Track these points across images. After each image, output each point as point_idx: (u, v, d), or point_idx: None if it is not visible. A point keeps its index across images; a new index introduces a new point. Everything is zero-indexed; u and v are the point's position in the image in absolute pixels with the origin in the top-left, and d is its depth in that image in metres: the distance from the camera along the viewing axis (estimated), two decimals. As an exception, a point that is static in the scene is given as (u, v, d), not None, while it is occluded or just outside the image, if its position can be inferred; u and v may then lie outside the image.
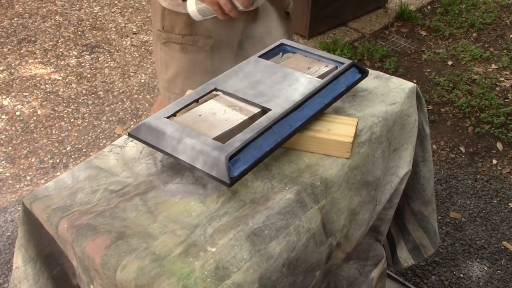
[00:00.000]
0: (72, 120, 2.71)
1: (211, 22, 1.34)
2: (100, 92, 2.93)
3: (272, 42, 1.19)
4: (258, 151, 0.87)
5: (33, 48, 3.28)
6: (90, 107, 2.80)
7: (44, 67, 3.12)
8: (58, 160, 2.45)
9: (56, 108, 2.79)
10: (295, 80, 1.02)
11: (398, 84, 1.19)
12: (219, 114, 0.95)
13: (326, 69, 1.10)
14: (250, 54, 1.15)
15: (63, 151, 2.50)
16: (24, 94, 2.88)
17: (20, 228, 0.93)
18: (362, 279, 1.19)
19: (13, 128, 2.64)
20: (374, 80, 1.21)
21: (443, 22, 3.74)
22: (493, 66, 3.23)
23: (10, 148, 2.51)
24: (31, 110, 2.76)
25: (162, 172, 0.94)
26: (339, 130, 0.97)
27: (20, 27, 3.50)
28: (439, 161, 2.48)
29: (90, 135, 2.61)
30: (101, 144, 2.55)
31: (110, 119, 2.73)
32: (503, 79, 3.10)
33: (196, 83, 1.10)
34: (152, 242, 0.80)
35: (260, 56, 1.12)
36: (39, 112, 2.76)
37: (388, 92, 1.16)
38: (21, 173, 2.37)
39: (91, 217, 0.84)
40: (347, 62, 1.08)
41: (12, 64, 3.12)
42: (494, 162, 2.47)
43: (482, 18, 3.78)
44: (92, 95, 2.90)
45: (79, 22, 3.60)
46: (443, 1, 3.97)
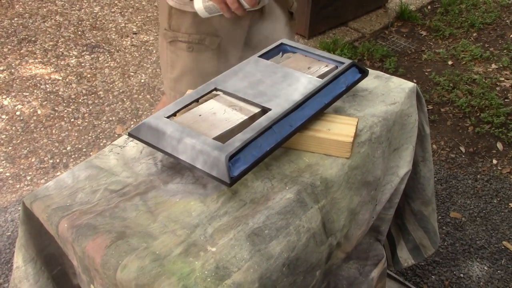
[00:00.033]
0: (72, 120, 2.71)
1: (218, 21, 1.35)
2: (100, 92, 2.93)
3: (286, 38, 1.19)
4: (258, 151, 0.87)
5: (33, 48, 3.28)
6: (90, 107, 2.80)
7: (44, 67, 3.12)
8: (58, 160, 2.45)
9: (56, 108, 2.79)
10: (295, 80, 1.02)
11: (398, 84, 1.19)
12: (219, 114, 0.95)
13: (326, 69, 1.10)
14: (256, 53, 1.15)
15: (63, 151, 2.51)
16: (24, 94, 2.88)
17: (21, 227, 0.93)
18: (362, 279, 1.19)
19: (13, 128, 2.64)
20: (374, 80, 1.21)
21: (443, 22, 3.74)
22: (493, 66, 3.23)
23: (10, 148, 2.51)
24: (31, 110, 2.76)
25: (162, 172, 0.94)
26: (339, 130, 0.97)
27: (20, 27, 3.50)
28: (439, 161, 2.48)
29: (90, 135, 2.61)
30: (101, 144, 2.55)
31: (110, 119, 2.73)
32: (503, 79, 3.10)
33: (202, 82, 1.10)
34: (152, 242, 0.80)
35: (260, 56, 1.12)
36: (39, 112, 2.76)
37: (388, 92, 1.16)
38: (21, 173, 2.37)
39: (91, 217, 0.84)
40: (347, 62, 1.08)
41: (12, 64, 3.12)
42: (494, 162, 2.47)
43: (482, 18, 3.78)
44: (92, 95, 2.90)
45: (79, 22, 3.60)
46: (443, 1, 3.97)
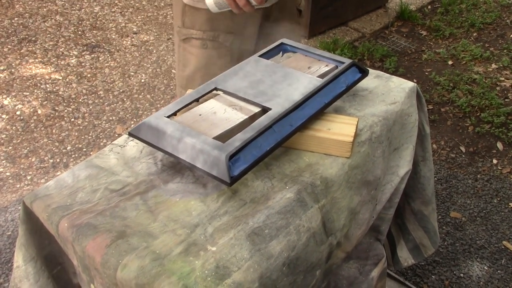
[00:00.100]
0: (72, 119, 2.71)
1: (231, 18, 1.36)
2: (101, 92, 2.93)
3: (292, 36, 1.21)
4: (258, 151, 0.87)
5: (33, 48, 3.28)
6: (91, 107, 2.81)
7: (44, 66, 3.12)
8: (58, 160, 2.45)
9: (56, 108, 2.79)
10: (295, 79, 1.02)
11: (398, 84, 1.19)
12: (220, 113, 0.95)
13: (326, 68, 1.10)
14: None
15: (64, 150, 2.51)
16: (24, 93, 2.88)
17: (21, 227, 0.93)
18: (362, 279, 1.19)
19: (13, 127, 2.64)
20: (375, 79, 1.21)
21: (444, 22, 3.74)
22: (493, 66, 3.23)
23: (10, 147, 2.51)
24: (32, 110, 2.76)
25: (163, 171, 0.94)
26: (339, 129, 0.97)
27: (21, 26, 3.50)
28: (439, 160, 2.48)
29: (90, 134, 2.61)
30: (101, 143, 2.55)
31: (111, 118, 2.73)
32: (503, 78, 3.10)
33: None
34: (153, 241, 0.80)
35: (261, 56, 1.12)
36: (39, 111, 2.76)
37: (388, 92, 1.16)
38: (21, 172, 2.37)
39: (92, 216, 0.84)
40: (348, 61, 1.08)
41: (13, 64, 3.12)
42: (495, 161, 2.47)
43: (483, 18, 3.77)
44: (93, 95, 2.90)
45: (80, 22, 3.60)
46: (443, 1, 3.97)
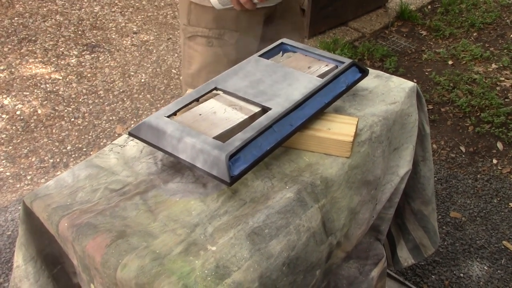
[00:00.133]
0: (72, 119, 2.71)
1: (236, 16, 1.38)
2: (101, 92, 2.93)
3: (295, 35, 1.24)
4: (259, 150, 0.87)
5: (33, 48, 3.28)
6: (91, 107, 2.81)
7: (44, 66, 3.12)
8: (58, 160, 2.45)
9: (56, 108, 2.79)
10: (295, 79, 1.02)
11: (398, 84, 1.19)
12: (220, 113, 0.95)
13: (326, 68, 1.10)
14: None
15: (64, 150, 2.51)
16: (24, 93, 2.88)
17: (21, 227, 0.93)
18: (362, 278, 1.19)
19: (13, 127, 2.64)
20: (375, 79, 1.21)
21: (444, 22, 3.73)
22: (493, 66, 3.23)
23: (10, 147, 2.51)
24: (32, 110, 2.76)
25: (163, 171, 0.94)
26: (339, 129, 0.97)
27: (21, 26, 3.50)
28: (439, 160, 2.48)
29: (90, 134, 2.61)
30: (101, 143, 2.55)
31: (111, 118, 2.73)
32: (503, 78, 3.10)
33: None
34: (153, 241, 0.80)
35: (261, 55, 1.12)
36: (39, 111, 2.76)
37: (388, 92, 1.16)
38: (21, 172, 2.37)
39: (92, 216, 0.84)
40: (348, 61, 1.08)
41: (13, 64, 3.12)
42: (494, 161, 2.47)
43: (483, 18, 3.77)
44: (93, 95, 2.90)
45: (80, 22, 3.60)
46: (443, 0, 3.97)
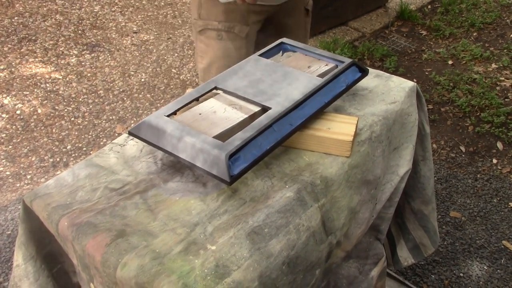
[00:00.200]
0: (72, 119, 2.71)
1: (246, 10, 1.41)
2: (101, 91, 2.93)
3: (299, 35, 1.24)
4: (258, 150, 0.87)
5: (33, 47, 3.28)
6: (91, 106, 2.81)
7: (44, 66, 3.12)
8: (58, 159, 2.45)
9: (56, 107, 2.79)
10: (295, 78, 1.02)
11: (398, 83, 1.19)
12: (219, 112, 0.95)
13: (326, 68, 1.10)
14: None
15: (64, 150, 2.51)
16: (24, 93, 2.88)
17: (21, 226, 0.93)
18: (362, 278, 1.19)
19: (13, 127, 2.64)
20: (374, 79, 1.21)
21: (444, 22, 3.73)
22: (493, 66, 3.22)
23: (10, 146, 2.51)
24: (32, 109, 2.76)
25: (162, 170, 0.94)
26: (339, 128, 0.97)
27: (21, 26, 3.50)
28: (439, 160, 2.48)
29: (90, 134, 2.61)
30: (101, 143, 2.55)
31: (110, 118, 2.73)
32: (503, 78, 3.10)
33: None
34: (152, 240, 0.80)
35: (261, 55, 1.12)
36: (39, 111, 2.76)
37: (388, 91, 1.16)
38: (21, 171, 2.37)
39: (92, 215, 0.84)
40: (347, 61, 1.08)
41: (13, 63, 3.12)
42: (494, 161, 2.47)
43: (483, 18, 3.77)
44: (93, 94, 2.90)
45: (80, 21, 3.60)
46: (443, 0, 3.97)
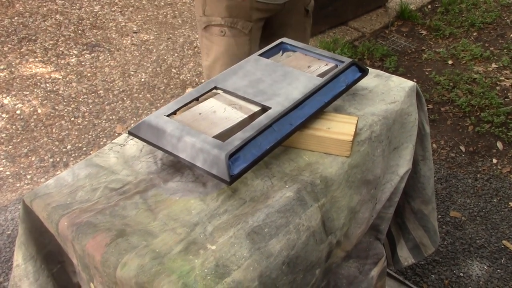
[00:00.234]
0: (72, 119, 2.71)
1: (249, 7, 1.42)
2: (100, 91, 2.93)
3: (299, 35, 1.26)
4: (258, 150, 0.87)
5: (33, 47, 3.28)
6: (90, 106, 2.81)
7: (44, 66, 3.12)
8: (58, 159, 2.45)
9: (56, 107, 2.79)
10: (295, 78, 1.02)
11: (398, 83, 1.19)
12: (219, 112, 0.95)
13: (326, 67, 1.10)
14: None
15: (63, 149, 2.51)
16: (24, 93, 2.88)
17: (21, 226, 0.93)
18: (362, 278, 1.19)
19: (13, 127, 2.64)
20: (374, 78, 1.21)
21: (444, 22, 3.73)
22: (493, 65, 3.22)
23: (10, 146, 2.51)
24: (32, 109, 2.76)
25: (162, 170, 0.94)
26: (339, 128, 0.97)
27: (21, 26, 3.50)
28: (439, 160, 2.48)
29: (90, 134, 2.61)
30: (101, 143, 2.55)
31: (110, 118, 2.73)
32: (503, 78, 3.10)
33: None
34: (152, 240, 0.80)
35: (260, 55, 1.12)
36: (39, 111, 2.76)
37: (388, 91, 1.16)
38: (21, 171, 2.37)
39: (92, 215, 0.85)
40: (347, 60, 1.08)
41: (13, 63, 3.12)
42: (494, 161, 2.47)
43: (483, 18, 3.77)
44: (92, 94, 2.90)
45: (80, 21, 3.60)
46: (443, 0, 3.97)
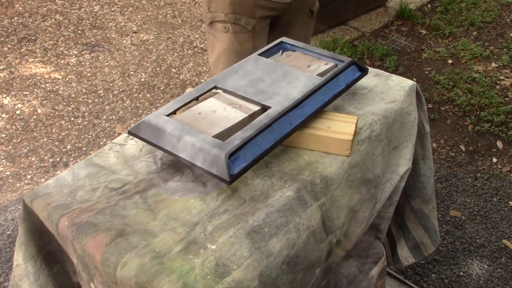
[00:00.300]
0: (72, 119, 2.71)
1: (253, 4, 1.43)
2: (100, 91, 2.93)
3: (301, 35, 1.28)
4: (258, 149, 0.87)
5: (33, 47, 3.28)
6: (90, 106, 2.80)
7: (44, 66, 3.12)
8: (58, 159, 2.45)
9: (56, 107, 2.79)
10: (295, 78, 1.02)
11: (398, 82, 1.19)
12: (219, 112, 0.95)
13: (326, 67, 1.10)
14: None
15: (63, 149, 2.51)
16: (24, 93, 2.88)
17: (21, 225, 0.93)
18: (362, 277, 1.19)
19: (13, 127, 2.64)
20: (374, 78, 1.21)
21: (443, 21, 3.73)
22: (493, 65, 3.22)
23: (10, 147, 2.51)
24: (31, 109, 2.76)
25: (162, 170, 0.94)
26: (339, 128, 0.98)
27: (20, 26, 3.50)
28: (439, 159, 2.48)
29: (90, 134, 2.61)
30: (101, 143, 2.55)
31: (110, 118, 2.73)
32: (503, 77, 3.10)
33: None
34: (152, 240, 0.80)
35: (260, 54, 1.12)
36: (39, 111, 2.76)
37: (388, 90, 1.16)
38: (21, 171, 2.37)
39: (91, 214, 0.85)
40: (347, 60, 1.08)
41: (12, 63, 3.12)
42: (494, 160, 2.47)
43: (482, 17, 3.77)
44: (92, 94, 2.90)
45: (79, 21, 3.60)
46: (443, -1, 3.97)
